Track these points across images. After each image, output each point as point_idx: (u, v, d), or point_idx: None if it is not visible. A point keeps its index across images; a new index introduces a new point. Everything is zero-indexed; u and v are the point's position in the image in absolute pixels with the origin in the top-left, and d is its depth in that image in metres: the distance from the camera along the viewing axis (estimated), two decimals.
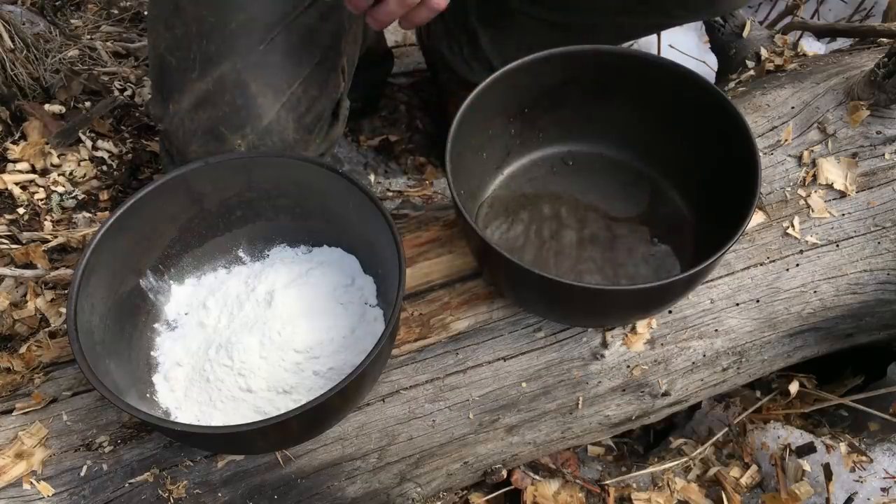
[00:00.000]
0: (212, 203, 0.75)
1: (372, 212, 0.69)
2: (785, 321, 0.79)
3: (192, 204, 0.74)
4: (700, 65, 1.36)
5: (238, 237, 0.78)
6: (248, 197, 0.75)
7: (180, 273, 0.76)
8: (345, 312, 0.72)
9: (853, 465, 0.82)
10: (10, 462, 0.67)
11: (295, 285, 0.73)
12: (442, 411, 0.74)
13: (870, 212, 0.81)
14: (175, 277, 0.76)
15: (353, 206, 0.71)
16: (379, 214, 0.68)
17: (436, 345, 0.74)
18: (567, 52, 0.76)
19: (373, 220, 0.69)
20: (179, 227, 0.74)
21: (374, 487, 0.74)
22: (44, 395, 0.71)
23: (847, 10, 1.52)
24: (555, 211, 0.82)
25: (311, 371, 0.68)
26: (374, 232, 0.70)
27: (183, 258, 0.76)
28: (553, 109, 0.81)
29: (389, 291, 0.71)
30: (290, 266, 0.75)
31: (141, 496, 0.68)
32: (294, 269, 0.75)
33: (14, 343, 0.87)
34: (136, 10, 1.45)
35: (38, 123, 1.16)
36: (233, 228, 0.77)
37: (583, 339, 0.76)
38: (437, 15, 0.75)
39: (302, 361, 0.68)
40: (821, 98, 0.85)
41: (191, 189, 0.72)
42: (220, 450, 0.70)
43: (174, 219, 0.73)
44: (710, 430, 0.91)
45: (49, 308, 0.88)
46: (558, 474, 0.84)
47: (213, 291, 0.75)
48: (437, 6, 0.77)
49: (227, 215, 0.76)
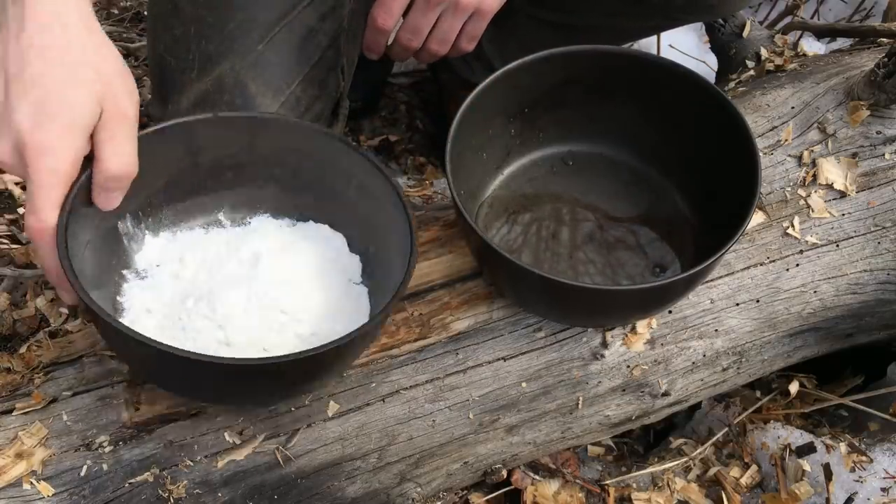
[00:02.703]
0: (206, 159, 0.72)
1: (378, 189, 0.68)
2: (785, 321, 0.79)
3: (187, 156, 0.71)
4: (700, 65, 1.36)
5: (222, 199, 0.76)
6: (243, 160, 0.74)
7: (157, 225, 0.74)
8: (330, 284, 0.71)
9: (853, 465, 0.82)
10: (10, 462, 0.67)
11: (281, 252, 0.72)
12: (442, 411, 0.74)
13: (870, 212, 0.81)
14: (151, 228, 0.74)
15: (356, 182, 0.71)
16: (387, 191, 0.67)
17: (436, 345, 0.74)
18: (567, 52, 0.76)
19: (377, 197, 0.69)
20: (168, 177, 0.72)
21: (374, 487, 0.74)
22: (44, 395, 0.71)
23: (847, 10, 1.52)
24: (555, 211, 0.81)
25: (294, 333, 0.68)
26: (374, 209, 0.69)
27: (163, 210, 0.74)
28: (553, 109, 0.81)
29: (380, 269, 0.71)
30: (275, 234, 0.75)
31: (141, 496, 0.68)
32: (279, 238, 0.74)
33: (14, 343, 0.87)
34: (136, 10, 1.45)
35: None
36: (219, 190, 0.75)
37: (583, 339, 0.76)
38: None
39: (287, 323, 0.68)
40: (821, 98, 0.85)
41: (192, 140, 0.70)
42: (187, 391, 0.68)
43: (166, 167, 0.71)
44: (710, 430, 0.91)
45: (49, 308, 0.88)
46: (558, 474, 0.84)
47: (191, 247, 0.74)
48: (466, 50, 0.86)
49: (217, 175, 0.74)
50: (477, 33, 0.85)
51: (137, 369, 0.69)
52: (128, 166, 0.62)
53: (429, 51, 0.85)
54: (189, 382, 0.65)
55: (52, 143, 0.57)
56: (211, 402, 0.70)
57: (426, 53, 0.86)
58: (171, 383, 0.67)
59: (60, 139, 0.57)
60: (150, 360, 0.62)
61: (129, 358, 0.67)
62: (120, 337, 0.58)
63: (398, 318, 0.75)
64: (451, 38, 0.84)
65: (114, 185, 0.62)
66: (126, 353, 0.66)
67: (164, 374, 0.65)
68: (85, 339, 0.78)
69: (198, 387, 0.66)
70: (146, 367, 0.66)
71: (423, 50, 0.86)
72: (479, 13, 0.82)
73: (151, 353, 0.57)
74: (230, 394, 0.67)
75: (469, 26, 0.83)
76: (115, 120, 0.60)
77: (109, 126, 0.60)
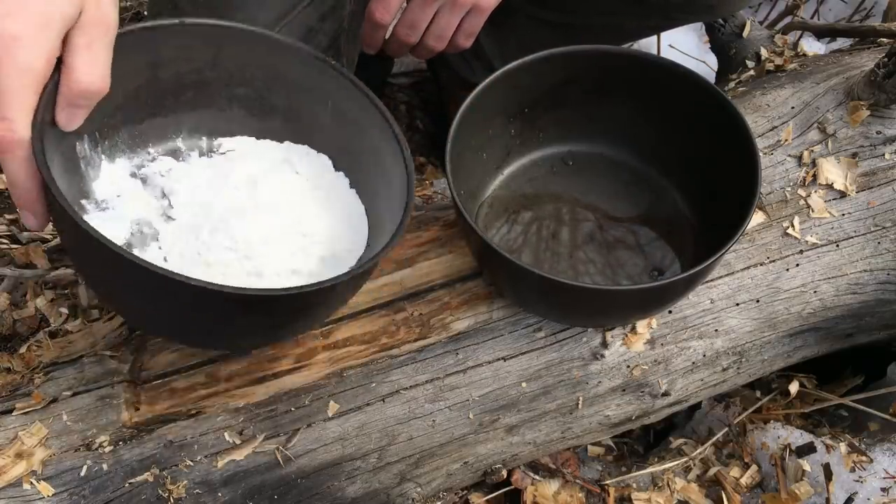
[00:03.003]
0: (167, 73, 0.66)
1: (359, 112, 0.65)
2: (785, 321, 0.79)
3: (146, 68, 0.65)
4: (700, 65, 1.36)
5: (180, 123, 0.70)
6: (206, 77, 0.68)
7: (113, 149, 0.67)
8: (333, 204, 0.69)
9: (853, 465, 0.82)
10: (10, 462, 0.67)
11: (274, 173, 0.68)
12: (442, 411, 0.74)
13: (870, 212, 0.81)
14: (107, 152, 0.67)
15: (332, 105, 0.67)
16: (370, 115, 0.63)
17: (436, 345, 0.74)
18: (567, 52, 0.76)
19: (357, 122, 0.65)
20: (125, 92, 0.64)
21: (374, 487, 0.74)
22: (44, 395, 0.71)
23: (847, 10, 1.52)
24: (555, 211, 0.82)
25: (318, 256, 0.65)
26: (354, 133, 0.66)
27: (119, 132, 0.67)
28: (553, 109, 0.81)
29: (364, 194, 0.68)
30: (261, 156, 0.70)
31: (141, 496, 0.68)
32: (267, 158, 0.70)
33: (14, 343, 0.87)
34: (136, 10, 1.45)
35: None
36: (178, 112, 0.69)
37: (583, 339, 0.76)
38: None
39: (308, 245, 0.65)
40: (821, 98, 0.85)
41: (153, 49, 0.64)
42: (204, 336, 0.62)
43: (122, 80, 0.61)
44: (710, 430, 0.91)
45: (49, 308, 0.88)
46: (558, 474, 0.84)
47: (171, 177, 0.69)
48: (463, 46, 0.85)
49: (176, 93, 0.68)
50: (474, 30, 0.85)
51: (139, 314, 0.61)
52: (101, 80, 0.55)
53: (426, 46, 0.85)
54: (217, 323, 0.58)
55: (26, 33, 0.50)
56: (232, 342, 0.64)
57: (423, 49, 0.86)
58: (189, 328, 0.60)
59: (36, 31, 0.50)
60: (170, 299, 0.54)
61: (132, 298, 0.58)
62: (136, 271, 0.50)
63: (398, 318, 0.75)
64: (448, 34, 0.84)
65: (83, 101, 0.55)
66: (130, 294, 0.57)
67: (181, 318, 0.58)
68: (85, 338, 0.78)
69: (226, 326, 0.59)
70: (158, 310, 0.57)
71: (421, 45, 0.85)
72: (476, 9, 0.82)
73: (184, 292, 0.50)
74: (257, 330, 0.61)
75: (466, 23, 0.84)
76: (95, 25, 0.53)
77: (88, 31, 0.53)
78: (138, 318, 0.64)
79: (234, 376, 0.72)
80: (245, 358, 0.73)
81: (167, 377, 0.73)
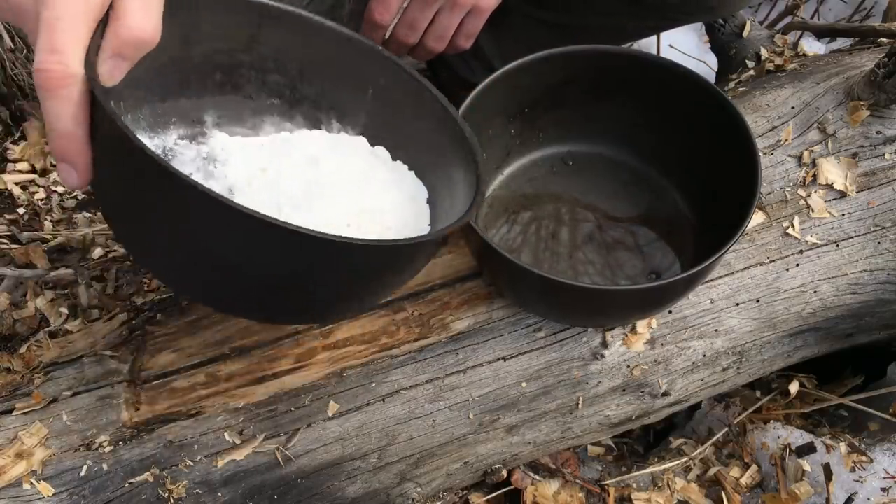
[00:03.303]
0: (198, 52, 0.61)
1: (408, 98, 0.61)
2: (785, 321, 0.79)
3: (180, 43, 0.60)
4: (700, 65, 1.36)
5: (204, 106, 0.65)
6: (238, 60, 0.63)
7: (134, 125, 0.62)
8: (395, 185, 0.65)
9: (853, 465, 0.82)
10: (10, 462, 0.67)
11: (335, 154, 0.64)
12: (442, 411, 0.74)
13: (870, 212, 0.81)
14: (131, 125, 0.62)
15: (374, 92, 0.63)
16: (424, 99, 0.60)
17: (436, 345, 0.74)
18: (567, 52, 0.76)
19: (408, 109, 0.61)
20: (153, 65, 0.57)
21: (374, 487, 0.74)
22: (44, 395, 0.71)
23: (847, 10, 1.52)
24: (555, 211, 0.82)
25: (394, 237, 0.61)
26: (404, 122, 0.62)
27: (142, 108, 0.62)
28: (553, 109, 0.81)
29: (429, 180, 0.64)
30: (312, 137, 0.66)
31: (141, 496, 0.68)
32: (321, 139, 0.66)
33: (14, 343, 0.87)
34: None
35: (38, 123, 1.16)
36: (203, 95, 0.64)
37: (583, 339, 0.76)
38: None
39: (383, 229, 0.62)
40: (821, 98, 0.85)
41: (193, 21, 0.59)
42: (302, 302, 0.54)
43: (157, 52, 0.53)
44: (710, 430, 0.91)
45: (49, 308, 0.88)
46: (558, 474, 0.84)
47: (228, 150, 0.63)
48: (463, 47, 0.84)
49: (204, 75, 0.63)
50: (474, 31, 0.85)
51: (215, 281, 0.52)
52: (154, 30, 0.49)
53: (425, 47, 0.85)
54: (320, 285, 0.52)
55: None
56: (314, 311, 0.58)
57: (423, 50, 0.86)
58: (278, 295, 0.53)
59: None
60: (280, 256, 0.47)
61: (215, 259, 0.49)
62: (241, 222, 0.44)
63: (398, 318, 0.75)
64: (448, 35, 0.84)
65: (130, 51, 0.49)
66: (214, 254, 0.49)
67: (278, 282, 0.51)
68: (85, 338, 0.78)
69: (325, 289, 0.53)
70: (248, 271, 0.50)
71: (420, 46, 0.85)
72: (476, 10, 0.82)
73: (314, 246, 0.45)
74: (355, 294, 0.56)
75: (466, 23, 0.84)
76: None
77: None
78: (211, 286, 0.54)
79: (234, 376, 0.72)
80: (245, 358, 0.73)
81: (167, 377, 0.73)
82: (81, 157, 0.47)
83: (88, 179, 0.48)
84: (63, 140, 0.46)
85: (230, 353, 0.73)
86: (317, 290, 0.52)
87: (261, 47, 0.63)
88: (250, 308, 0.56)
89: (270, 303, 0.54)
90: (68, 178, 0.48)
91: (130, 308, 0.80)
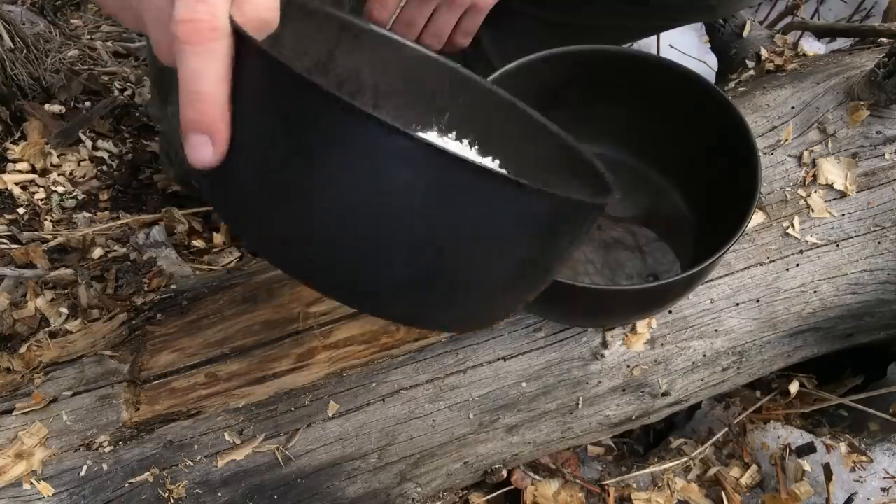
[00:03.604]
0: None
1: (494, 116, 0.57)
2: (785, 321, 0.79)
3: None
4: (700, 65, 1.36)
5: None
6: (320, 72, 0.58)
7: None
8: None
9: (853, 465, 0.82)
10: (10, 462, 0.67)
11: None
12: (442, 411, 0.74)
13: (870, 212, 0.81)
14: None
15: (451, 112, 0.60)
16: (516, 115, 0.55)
17: (436, 344, 0.74)
18: (567, 52, 0.76)
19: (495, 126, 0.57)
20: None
21: (374, 487, 0.74)
22: (44, 395, 0.71)
23: (847, 10, 1.52)
24: None
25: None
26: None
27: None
28: (553, 109, 0.80)
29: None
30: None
31: (141, 496, 0.68)
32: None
33: (14, 343, 0.87)
34: None
35: (38, 123, 1.16)
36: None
37: (583, 339, 0.76)
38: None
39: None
40: (821, 98, 0.85)
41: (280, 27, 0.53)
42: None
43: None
44: (710, 430, 0.91)
45: (49, 308, 0.88)
46: (558, 474, 0.84)
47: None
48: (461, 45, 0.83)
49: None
50: (472, 29, 0.85)
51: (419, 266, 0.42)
52: (275, 13, 0.44)
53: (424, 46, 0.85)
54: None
55: None
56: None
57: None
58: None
59: None
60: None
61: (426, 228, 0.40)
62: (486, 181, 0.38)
63: None
64: (446, 33, 0.84)
65: (253, 31, 0.43)
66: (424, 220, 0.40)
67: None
68: (85, 338, 0.78)
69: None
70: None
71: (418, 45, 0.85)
72: (474, 8, 0.82)
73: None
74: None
75: (464, 22, 0.83)
76: None
77: None
78: (368, 260, 0.43)
79: (234, 376, 0.72)
80: (245, 358, 0.73)
81: (167, 377, 0.73)
82: (224, 123, 0.40)
83: (224, 152, 0.41)
84: (205, 104, 0.40)
85: (230, 353, 0.73)
86: (501, 262, 0.44)
87: (336, 65, 0.58)
88: (405, 297, 0.44)
89: (441, 286, 0.44)
90: (203, 152, 0.41)
91: (130, 308, 0.80)
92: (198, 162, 0.41)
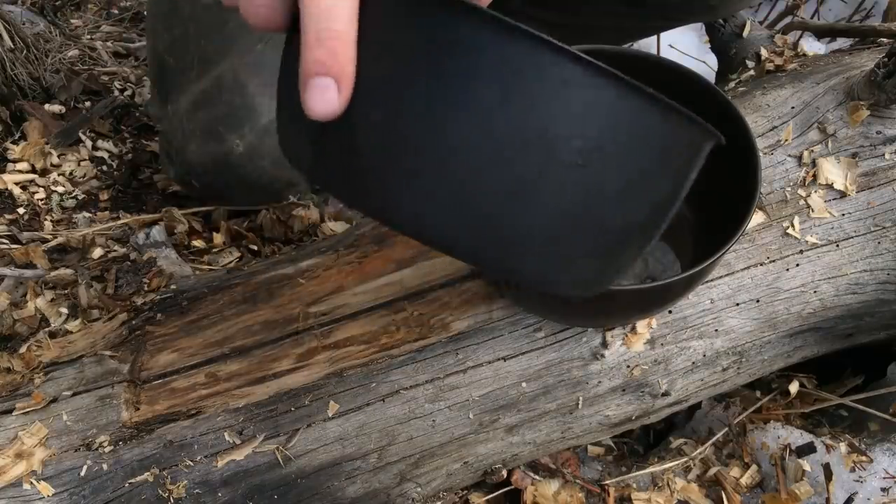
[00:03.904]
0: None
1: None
2: (785, 321, 0.79)
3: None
4: (700, 65, 1.36)
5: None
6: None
7: None
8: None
9: (853, 465, 0.82)
10: (10, 462, 0.67)
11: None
12: (442, 411, 0.74)
13: (870, 212, 0.81)
14: None
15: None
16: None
17: (436, 345, 0.74)
18: None
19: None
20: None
21: (374, 487, 0.74)
22: (44, 395, 0.71)
23: (847, 10, 1.52)
24: None
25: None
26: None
27: None
28: None
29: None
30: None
31: (141, 496, 0.68)
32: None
33: (14, 343, 0.87)
34: (136, 10, 1.46)
35: (38, 123, 1.16)
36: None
37: (583, 339, 0.76)
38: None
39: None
40: (821, 98, 0.85)
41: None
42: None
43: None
44: (710, 430, 0.91)
45: (49, 308, 0.88)
46: (558, 474, 0.84)
47: None
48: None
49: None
50: None
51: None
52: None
53: None
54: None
55: None
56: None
57: None
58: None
59: None
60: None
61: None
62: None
63: (398, 317, 0.75)
64: None
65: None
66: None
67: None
68: (85, 338, 0.78)
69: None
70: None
71: None
72: None
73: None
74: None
75: None
76: None
77: None
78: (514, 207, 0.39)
79: (234, 376, 0.72)
80: (245, 358, 0.73)
81: (167, 377, 0.73)
82: (352, 64, 0.37)
83: (348, 100, 0.38)
84: (336, 42, 0.36)
85: (230, 353, 0.73)
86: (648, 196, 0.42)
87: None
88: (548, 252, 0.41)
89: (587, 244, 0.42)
90: (328, 97, 0.37)
91: (130, 308, 0.80)
92: (321, 110, 0.37)
